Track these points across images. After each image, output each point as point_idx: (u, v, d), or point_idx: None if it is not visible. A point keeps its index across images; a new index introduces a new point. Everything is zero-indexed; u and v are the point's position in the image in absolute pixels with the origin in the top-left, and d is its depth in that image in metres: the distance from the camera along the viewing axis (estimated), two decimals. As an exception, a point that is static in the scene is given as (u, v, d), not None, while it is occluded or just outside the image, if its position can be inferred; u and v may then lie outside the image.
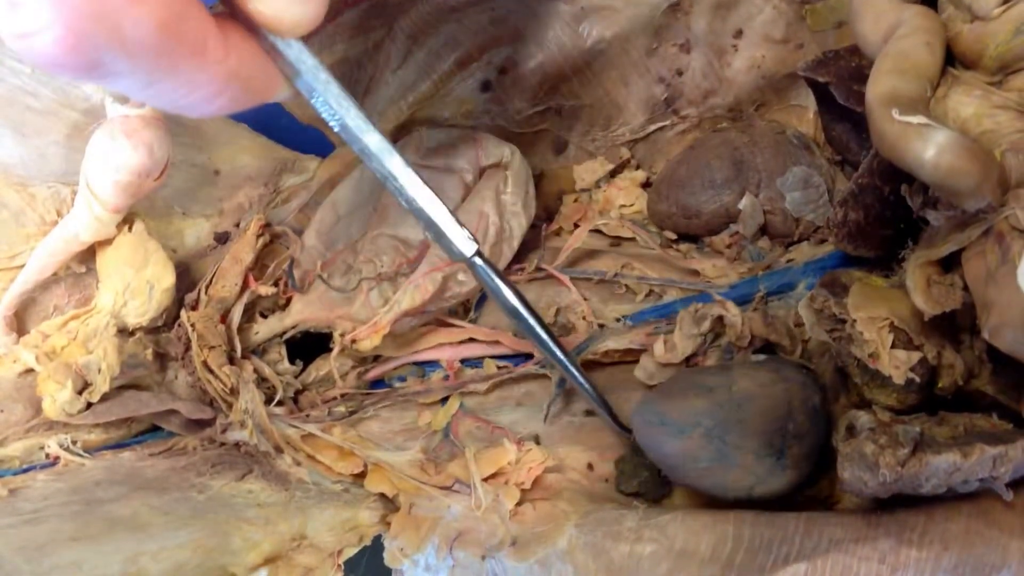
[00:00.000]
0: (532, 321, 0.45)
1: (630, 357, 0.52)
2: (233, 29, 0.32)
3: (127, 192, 0.46)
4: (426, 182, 0.41)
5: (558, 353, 0.46)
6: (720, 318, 0.49)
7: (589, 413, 0.52)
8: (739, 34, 0.55)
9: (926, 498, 0.37)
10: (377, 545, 0.48)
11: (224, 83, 0.32)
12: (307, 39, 0.36)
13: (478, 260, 0.43)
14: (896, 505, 0.38)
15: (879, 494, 0.36)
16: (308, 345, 0.54)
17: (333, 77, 0.38)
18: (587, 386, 0.47)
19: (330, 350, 0.52)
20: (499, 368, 0.53)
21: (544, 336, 0.45)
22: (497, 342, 0.54)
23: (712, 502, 0.45)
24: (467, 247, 0.42)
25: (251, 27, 0.33)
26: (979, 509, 0.36)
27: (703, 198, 0.53)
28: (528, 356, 0.53)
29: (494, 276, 0.44)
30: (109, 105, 0.47)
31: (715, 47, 0.56)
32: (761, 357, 0.49)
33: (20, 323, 0.49)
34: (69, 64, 0.27)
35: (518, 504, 0.46)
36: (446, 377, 0.54)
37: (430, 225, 0.41)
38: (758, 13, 0.55)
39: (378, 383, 0.55)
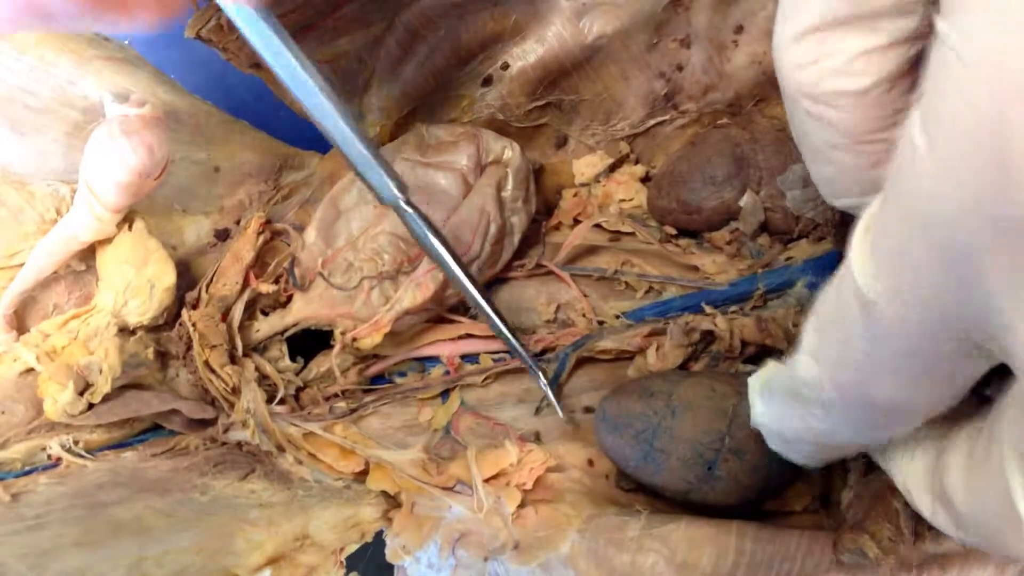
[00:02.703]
0: (454, 267, 0.47)
1: (627, 355, 0.53)
2: None
3: (127, 192, 0.46)
4: (359, 136, 0.43)
5: (478, 297, 0.48)
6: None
7: (588, 410, 0.53)
8: (740, 30, 0.55)
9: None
10: (379, 540, 0.48)
11: (152, 25, 0.34)
12: None
13: (406, 206, 0.45)
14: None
15: None
16: (309, 342, 0.53)
17: (275, 31, 0.40)
18: (504, 329, 0.50)
19: (331, 347, 0.52)
20: (495, 362, 0.54)
21: (469, 286, 0.48)
22: (494, 337, 0.54)
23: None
24: (390, 194, 0.45)
25: None
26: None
27: (704, 194, 0.53)
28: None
29: (417, 218, 0.46)
30: (108, 104, 0.46)
31: (715, 42, 0.56)
32: (748, 368, 0.50)
33: (20, 321, 0.49)
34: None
35: (520, 506, 0.46)
36: (446, 372, 0.54)
37: (359, 168, 0.44)
38: (759, 9, 0.54)
39: (379, 379, 0.55)
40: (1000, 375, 0.27)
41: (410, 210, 0.46)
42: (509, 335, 0.49)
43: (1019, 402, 0.26)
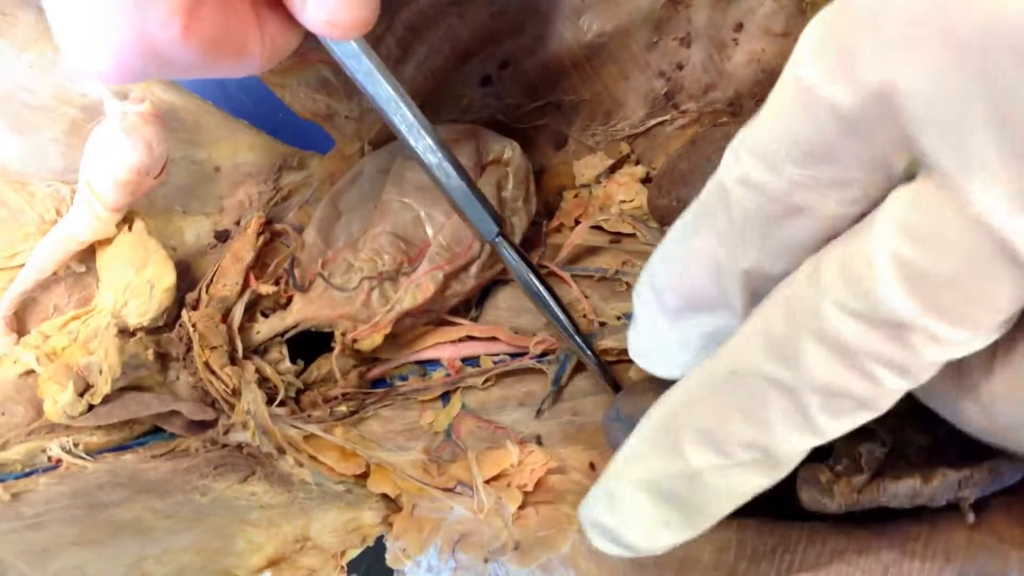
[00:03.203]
0: (552, 303, 0.49)
1: (627, 356, 0.52)
2: (271, 19, 0.33)
3: (127, 190, 0.46)
4: (459, 173, 0.46)
5: (575, 336, 0.49)
6: None
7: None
8: (739, 27, 0.55)
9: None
10: (379, 545, 0.48)
11: (262, 68, 0.34)
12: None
13: (502, 240, 0.48)
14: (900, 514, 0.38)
15: (842, 512, 0.37)
16: (309, 344, 0.53)
17: (376, 67, 0.42)
18: (601, 370, 0.50)
19: (331, 349, 0.52)
20: (496, 364, 0.54)
21: (563, 318, 0.49)
22: (495, 339, 0.54)
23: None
24: (491, 228, 0.48)
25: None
26: (982, 520, 0.36)
27: (704, 194, 0.53)
28: (524, 352, 0.53)
29: (516, 257, 0.49)
30: (108, 102, 0.46)
31: (715, 40, 0.56)
32: None
33: (20, 323, 0.49)
34: (112, 82, 0.32)
35: (521, 507, 0.46)
36: (447, 375, 0.54)
37: (458, 204, 0.47)
38: (759, 6, 0.54)
39: (379, 382, 0.55)
40: None
41: (507, 245, 0.48)
42: (604, 371, 0.50)
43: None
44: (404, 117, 0.44)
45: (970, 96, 0.23)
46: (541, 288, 0.49)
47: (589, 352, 0.50)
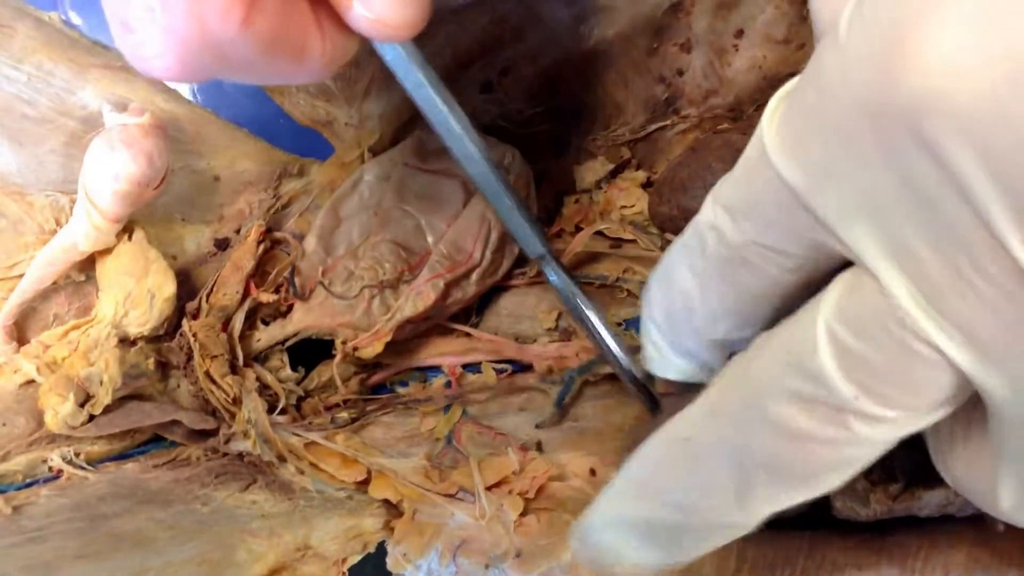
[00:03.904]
0: (597, 323, 0.47)
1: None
2: (328, 19, 0.32)
3: (127, 202, 0.46)
4: (506, 189, 0.45)
5: (620, 359, 0.47)
6: None
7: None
8: (740, 34, 0.55)
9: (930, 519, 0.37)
10: (381, 550, 0.48)
11: (322, 72, 0.33)
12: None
13: (548, 259, 0.47)
14: (899, 525, 0.38)
15: (872, 520, 0.37)
16: (310, 351, 0.53)
17: (426, 77, 0.40)
18: (641, 391, 0.48)
19: (332, 356, 0.52)
20: (499, 376, 0.54)
21: (608, 339, 0.47)
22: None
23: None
24: (537, 248, 0.47)
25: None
26: (981, 537, 0.36)
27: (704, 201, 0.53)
28: (528, 367, 0.53)
29: (563, 276, 0.47)
30: (107, 114, 0.46)
31: (716, 47, 0.56)
32: None
33: (20, 332, 0.49)
34: (178, 80, 0.31)
35: (522, 515, 0.46)
36: (448, 384, 0.54)
37: (506, 220, 0.46)
38: (760, 13, 0.54)
39: (380, 388, 0.55)
40: None
41: (554, 264, 0.47)
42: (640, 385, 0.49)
43: None
44: (452, 130, 0.42)
45: (877, 188, 0.24)
46: (585, 310, 0.47)
47: (632, 374, 0.48)
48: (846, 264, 0.27)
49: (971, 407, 0.28)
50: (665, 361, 0.38)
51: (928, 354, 0.25)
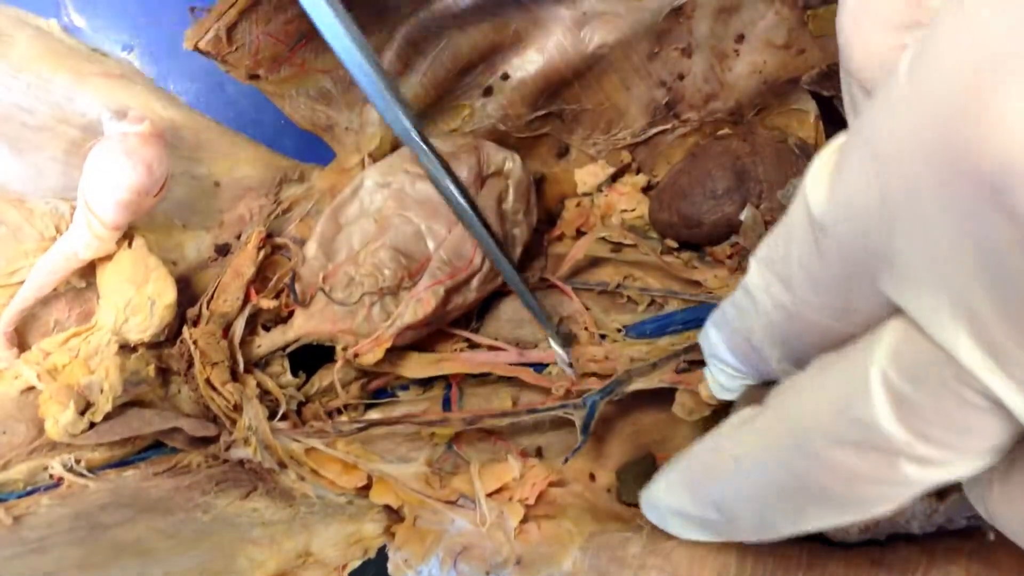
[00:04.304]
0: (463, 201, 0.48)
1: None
2: None
3: (127, 210, 0.46)
4: (375, 67, 0.44)
5: (491, 243, 0.49)
6: None
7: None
8: (741, 39, 0.55)
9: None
10: (381, 555, 0.49)
11: None
12: None
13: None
14: (897, 540, 0.38)
15: (866, 540, 0.37)
16: (310, 355, 0.53)
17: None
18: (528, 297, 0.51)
19: (332, 360, 0.52)
20: (517, 406, 0.53)
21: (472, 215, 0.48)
22: (499, 348, 0.54)
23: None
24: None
25: None
26: (979, 550, 0.36)
27: (704, 208, 0.53)
28: (538, 365, 0.54)
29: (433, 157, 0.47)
30: (107, 122, 0.46)
31: (717, 51, 0.56)
32: None
33: (21, 338, 0.49)
34: None
35: (523, 522, 0.47)
36: (448, 387, 0.54)
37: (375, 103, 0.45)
38: (760, 18, 0.54)
39: (381, 392, 0.55)
40: None
41: (424, 146, 0.47)
42: (521, 285, 0.51)
43: None
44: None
45: (943, 250, 0.23)
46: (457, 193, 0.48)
47: (504, 259, 0.50)
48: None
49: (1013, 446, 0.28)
50: (730, 391, 0.40)
51: (986, 405, 0.25)
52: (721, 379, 0.40)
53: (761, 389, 0.37)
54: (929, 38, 0.23)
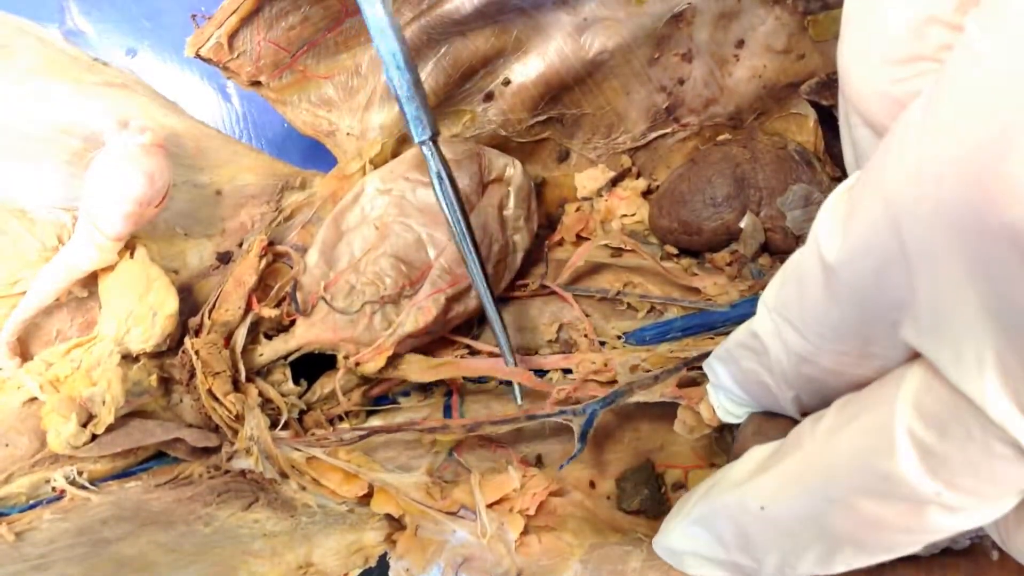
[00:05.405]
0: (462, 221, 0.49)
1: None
2: None
3: (129, 220, 0.46)
4: (410, 66, 0.48)
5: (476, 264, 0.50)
6: None
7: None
8: (741, 44, 0.55)
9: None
10: (383, 563, 0.49)
11: None
12: None
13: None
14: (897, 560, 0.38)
15: None
16: (312, 363, 0.53)
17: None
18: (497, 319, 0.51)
19: (334, 367, 0.52)
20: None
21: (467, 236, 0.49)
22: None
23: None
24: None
25: None
26: (975, 566, 0.37)
27: (704, 215, 0.53)
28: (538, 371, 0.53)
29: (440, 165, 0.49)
30: (108, 132, 0.46)
31: (717, 56, 0.55)
32: None
33: (23, 348, 0.49)
34: None
35: (523, 534, 0.47)
36: (448, 393, 0.54)
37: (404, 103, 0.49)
38: (760, 23, 0.54)
39: (382, 399, 0.55)
40: None
41: (434, 154, 0.49)
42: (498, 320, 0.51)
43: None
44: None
45: (965, 302, 0.23)
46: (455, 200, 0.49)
47: (487, 287, 0.50)
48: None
49: None
50: (737, 417, 0.40)
51: (1013, 454, 0.25)
52: (728, 406, 0.40)
53: (770, 419, 0.38)
54: (941, 86, 0.22)
